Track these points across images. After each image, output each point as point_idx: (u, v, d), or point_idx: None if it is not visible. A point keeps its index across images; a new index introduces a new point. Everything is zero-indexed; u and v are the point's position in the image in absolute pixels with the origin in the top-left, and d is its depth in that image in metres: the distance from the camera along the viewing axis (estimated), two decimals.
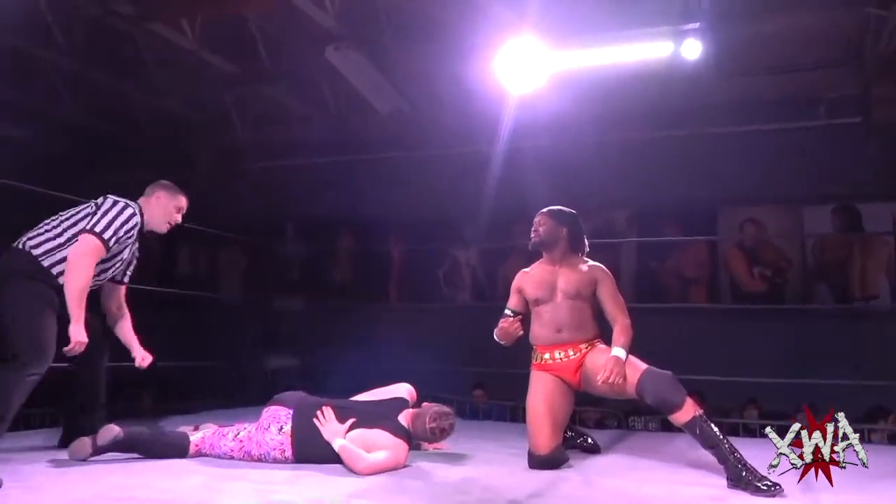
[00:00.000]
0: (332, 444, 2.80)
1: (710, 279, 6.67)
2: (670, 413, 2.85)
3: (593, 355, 3.08)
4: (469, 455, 3.32)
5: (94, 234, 2.87)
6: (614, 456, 3.44)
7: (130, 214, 2.99)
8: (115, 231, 2.91)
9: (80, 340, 2.79)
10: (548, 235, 3.21)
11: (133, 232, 3.00)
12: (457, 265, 7.41)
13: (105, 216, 2.91)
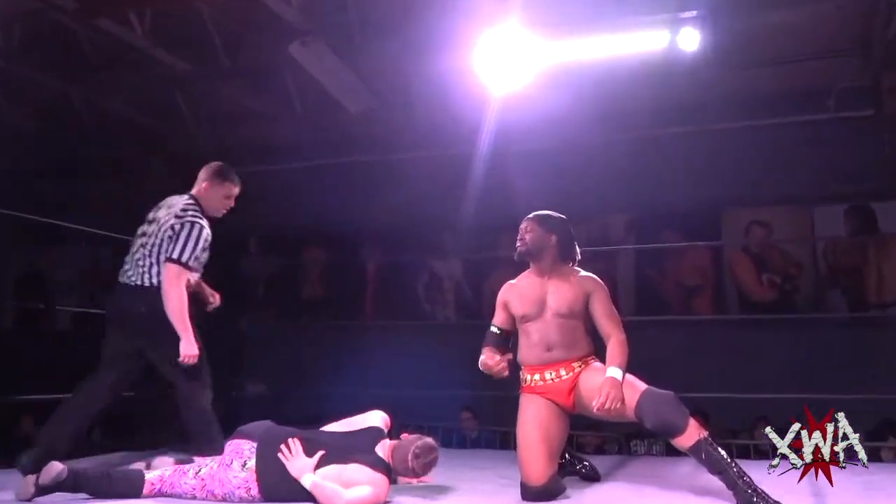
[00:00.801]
0: (300, 481, 2.78)
1: (715, 288, 6.74)
2: (672, 437, 2.87)
3: (588, 375, 3.09)
4: (456, 487, 3.32)
5: (175, 261, 3.33)
6: (615, 483, 3.45)
7: (200, 230, 3.42)
8: (191, 252, 3.36)
9: (190, 354, 3.25)
10: (535, 244, 3.21)
11: (207, 243, 3.45)
12: (438, 278, 7.43)
13: (181, 241, 3.37)
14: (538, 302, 3.17)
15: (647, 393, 2.91)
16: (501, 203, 5.96)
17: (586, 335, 3.18)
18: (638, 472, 3.79)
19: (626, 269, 6.89)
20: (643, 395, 2.90)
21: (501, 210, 5.68)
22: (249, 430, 2.95)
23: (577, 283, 3.18)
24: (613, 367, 2.96)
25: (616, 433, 5.23)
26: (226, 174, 3.57)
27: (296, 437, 2.89)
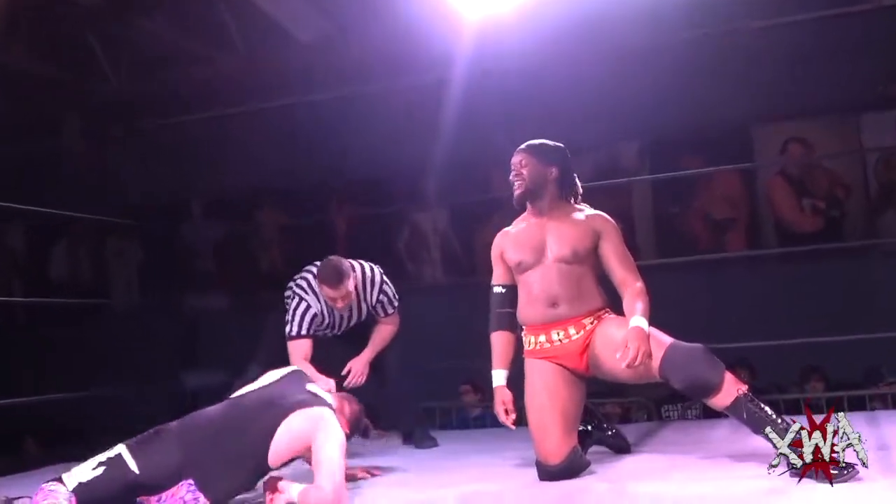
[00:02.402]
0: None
1: (749, 220, 6.79)
2: (706, 397, 2.94)
3: (603, 331, 3.13)
4: (463, 471, 3.42)
5: (287, 337, 4.07)
6: (647, 455, 3.55)
7: (298, 304, 4.08)
8: (298, 325, 4.05)
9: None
10: (534, 180, 3.24)
11: (307, 313, 4.06)
12: (420, 233, 7.46)
13: (288, 316, 4.10)
14: (537, 247, 3.20)
15: (673, 348, 2.97)
16: (487, 138, 5.97)
17: (596, 285, 3.21)
18: (671, 440, 3.90)
19: (642, 204, 6.93)
20: (668, 350, 2.96)
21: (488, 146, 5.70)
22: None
23: (582, 222, 3.21)
24: (637, 317, 3.01)
25: (644, 398, 5.33)
26: (322, 277, 3.99)
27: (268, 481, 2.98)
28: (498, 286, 3.32)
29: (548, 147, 3.30)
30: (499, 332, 3.32)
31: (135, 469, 2.78)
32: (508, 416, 3.22)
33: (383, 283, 4.21)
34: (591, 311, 3.17)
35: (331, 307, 4.07)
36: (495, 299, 3.33)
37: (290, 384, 3.09)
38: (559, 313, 3.16)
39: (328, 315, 4.12)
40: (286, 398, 2.98)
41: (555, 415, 3.11)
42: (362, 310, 4.21)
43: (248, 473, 2.92)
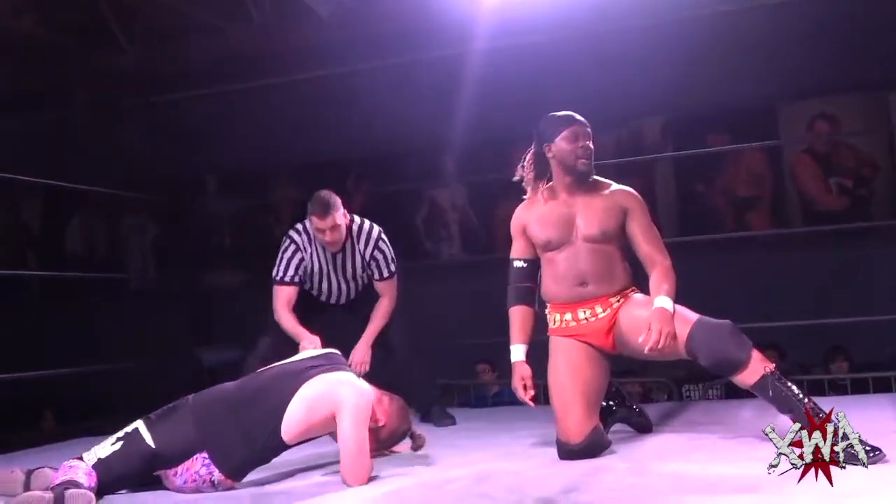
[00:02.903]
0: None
1: (773, 198, 6.76)
2: (733, 374, 2.94)
3: (629, 309, 3.13)
4: (483, 450, 3.43)
5: (273, 280, 4.12)
6: (668, 434, 3.55)
7: (287, 246, 4.13)
8: (284, 269, 4.10)
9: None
10: (593, 156, 3.22)
11: (293, 258, 4.10)
12: (439, 209, 7.46)
13: (277, 259, 4.13)
14: (564, 224, 3.19)
15: (700, 324, 2.97)
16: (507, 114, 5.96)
17: (623, 262, 3.21)
18: (692, 420, 3.90)
19: (665, 182, 6.91)
20: (695, 326, 2.96)
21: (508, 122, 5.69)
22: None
23: (609, 198, 3.20)
24: (661, 297, 3.01)
25: (664, 378, 5.33)
26: (312, 204, 4.03)
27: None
28: (519, 260, 3.30)
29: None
30: (518, 306, 3.29)
31: (151, 443, 2.83)
32: (527, 393, 3.19)
33: (380, 240, 4.20)
34: (619, 290, 3.17)
35: (324, 255, 4.07)
36: (516, 273, 3.31)
37: (318, 361, 3.09)
38: (587, 292, 3.16)
39: (320, 262, 4.11)
40: (307, 371, 2.99)
41: (577, 394, 3.11)
42: (356, 264, 4.16)
43: (262, 446, 2.92)
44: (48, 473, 2.84)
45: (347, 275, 4.19)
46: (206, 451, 2.85)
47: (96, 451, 2.83)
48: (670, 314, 2.98)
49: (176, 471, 2.87)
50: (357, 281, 4.23)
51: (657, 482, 2.68)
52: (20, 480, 2.88)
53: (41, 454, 3.92)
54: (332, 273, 4.17)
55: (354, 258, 4.15)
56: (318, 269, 4.14)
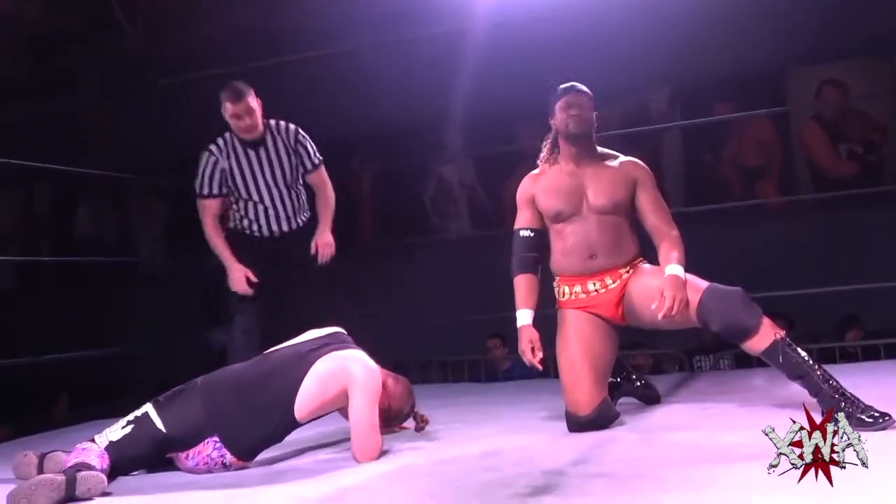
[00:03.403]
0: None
1: (782, 167, 6.73)
2: (743, 340, 2.94)
3: (639, 280, 3.14)
4: (492, 424, 3.45)
5: (197, 197, 4.04)
6: (678, 405, 3.56)
7: (206, 160, 4.02)
8: (205, 183, 4.01)
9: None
10: (591, 124, 3.22)
11: (215, 169, 4.00)
12: (446, 185, 7.45)
13: (198, 175, 4.03)
14: (574, 195, 3.19)
15: (711, 290, 2.97)
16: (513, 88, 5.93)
17: (632, 233, 3.21)
18: (703, 390, 3.91)
19: (672, 152, 6.88)
20: (705, 293, 2.96)
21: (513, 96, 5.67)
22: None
23: (618, 169, 3.20)
24: (672, 265, 3.02)
25: (674, 350, 5.34)
26: (226, 91, 3.94)
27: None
28: (525, 230, 3.28)
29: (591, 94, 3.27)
30: (523, 274, 3.27)
31: (161, 427, 2.85)
32: (535, 356, 3.18)
33: (299, 132, 4.09)
34: (628, 262, 3.18)
35: (245, 156, 3.97)
36: (521, 243, 3.29)
37: (326, 340, 3.08)
38: (597, 264, 3.17)
39: (242, 165, 3.98)
40: (317, 350, 3.00)
41: (586, 365, 3.12)
42: (282, 157, 4.02)
43: (274, 426, 2.94)
44: (61, 457, 2.88)
45: (277, 176, 4.02)
46: (217, 434, 2.87)
47: (107, 433, 2.86)
48: (682, 281, 2.99)
49: (188, 454, 2.90)
50: (287, 187, 4.04)
51: (667, 452, 2.69)
52: (34, 464, 2.92)
53: (55, 438, 3.97)
54: (258, 175, 4.00)
55: (279, 151, 4.02)
56: (241, 171, 3.99)
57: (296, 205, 4.11)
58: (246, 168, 3.99)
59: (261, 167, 4.00)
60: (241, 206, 4.06)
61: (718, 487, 2.15)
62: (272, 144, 4.02)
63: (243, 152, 3.99)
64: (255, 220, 4.05)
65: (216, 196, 4.01)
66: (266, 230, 4.06)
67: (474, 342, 5.85)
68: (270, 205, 4.03)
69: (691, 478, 2.31)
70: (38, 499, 2.49)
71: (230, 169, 3.98)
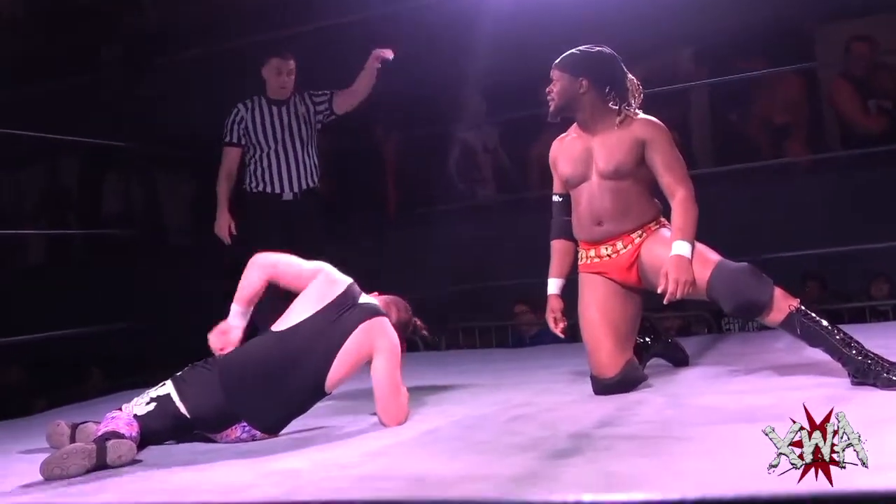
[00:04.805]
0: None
1: (810, 124, 6.65)
2: (757, 316, 2.95)
3: (652, 246, 3.11)
4: (518, 388, 3.47)
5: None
6: (705, 367, 3.56)
7: (233, 113, 4.33)
8: (229, 132, 4.33)
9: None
10: (563, 96, 3.17)
11: (236, 120, 4.31)
12: (471, 151, 7.42)
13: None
14: (583, 161, 3.17)
15: (718, 270, 2.94)
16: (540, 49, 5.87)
17: (646, 196, 3.16)
18: (730, 352, 3.90)
19: (699, 112, 6.81)
20: (714, 272, 2.94)
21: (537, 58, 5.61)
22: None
23: (627, 134, 3.12)
24: (679, 242, 2.97)
25: (703, 311, 5.32)
26: (268, 52, 4.39)
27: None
28: (555, 195, 3.33)
29: (579, 58, 3.18)
30: (556, 240, 3.35)
31: (184, 412, 2.86)
32: (557, 325, 3.30)
33: (305, 91, 4.47)
34: (640, 225, 3.14)
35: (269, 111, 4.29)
36: (555, 207, 3.34)
37: (341, 303, 3.03)
38: (604, 231, 3.16)
39: (263, 118, 4.29)
40: (340, 323, 2.97)
41: (606, 327, 3.13)
42: (301, 120, 4.35)
43: (303, 403, 2.98)
44: (92, 427, 2.92)
45: (294, 130, 4.33)
46: (245, 419, 2.89)
47: (133, 406, 2.89)
48: (687, 261, 2.95)
49: (215, 437, 2.94)
50: (303, 145, 4.34)
51: (693, 414, 2.69)
52: (66, 433, 2.97)
53: (88, 408, 4.03)
54: (277, 127, 4.31)
55: (298, 111, 4.37)
56: (262, 123, 4.30)
57: (307, 166, 4.35)
58: (267, 120, 4.31)
59: (280, 121, 4.32)
60: (257, 157, 4.32)
61: (743, 449, 2.15)
62: (293, 106, 4.38)
63: (267, 108, 4.33)
64: (268, 172, 4.30)
65: (234, 145, 4.33)
66: (276, 186, 4.30)
67: (502, 307, 5.86)
68: (283, 158, 4.31)
69: (717, 440, 2.31)
70: (70, 467, 2.54)
71: (251, 120, 4.30)
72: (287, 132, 4.32)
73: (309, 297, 3.04)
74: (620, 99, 3.17)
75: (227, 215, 4.33)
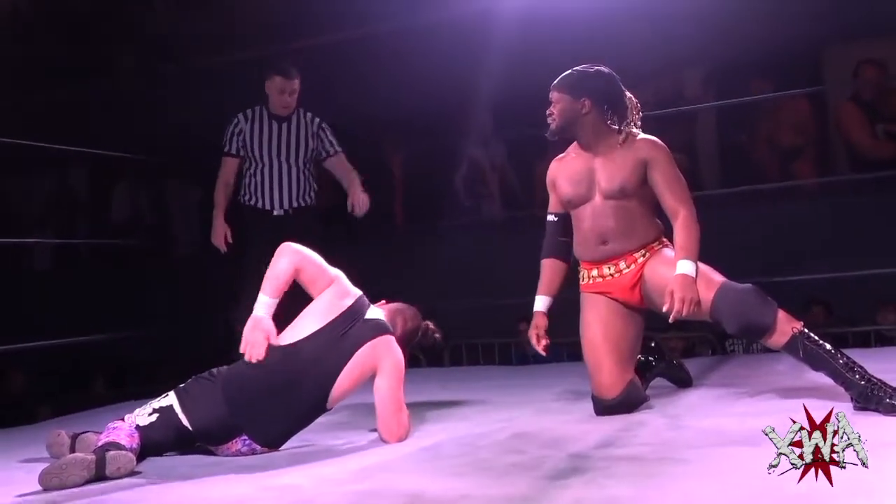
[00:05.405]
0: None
1: (818, 147, 6.63)
2: (760, 338, 2.95)
3: (655, 266, 3.12)
4: (521, 407, 3.47)
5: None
6: (708, 388, 3.56)
7: (233, 123, 4.37)
8: (227, 142, 4.37)
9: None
10: (565, 117, 3.18)
11: (235, 130, 4.35)
12: (478, 167, 7.43)
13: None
14: (586, 181, 3.18)
15: (722, 291, 2.94)
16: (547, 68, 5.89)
17: (649, 216, 3.18)
18: (734, 374, 3.89)
19: (706, 133, 6.79)
20: (717, 294, 2.94)
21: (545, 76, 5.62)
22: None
23: (629, 154, 3.14)
24: (683, 261, 2.97)
25: (706, 332, 5.30)
26: (275, 67, 4.33)
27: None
28: (550, 214, 3.35)
29: (579, 78, 3.19)
30: (547, 258, 3.36)
31: (187, 424, 2.86)
32: (540, 342, 3.28)
33: (323, 122, 4.47)
34: (643, 245, 3.15)
35: (269, 126, 4.29)
36: (548, 227, 3.36)
37: (348, 317, 3.00)
38: (609, 250, 3.16)
39: (262, 133, 4.31)
40: (346, 340, 2.96)
41: (607, 349, 3.14)
42: (301, 135, 4.35)
43: (305, 418, 2.99)
44: (92, 438, 2.92)
45: (292, 149, 4.33)
46: (247, 434, 2.89)
47: (136, 416, 2.89)
48: (692, 280, 2.95)
49: (216, 449, 2.94)
50: (300, 164, 4.34)
51: (694, 436, 2.69)
52: (66, 443, 2.98)
53: (91, 417, 4.03)
54: (274, 144, 4.32)
55: (300, 131, 4.36)
56: (261, 137, 4.31)
57: (300, 185, 4.37)
58: (266, 134, 4.33)
59: (279, 137, 4.33)
60: (252, 170, 4.34)
61: (744, 472, 2.15)
62: (296, 124, 4.37)
63: (268, 122, 4.34)
64: (261, 187, 4.34)
65: (232, 155, 4.37)
66: (268, 202, 4.32)
67: (506, 325, 5.85)
68: (277, 174, 4.33)
69: (717, 463, 2.31)
70: (69, 478, 2.55)
71: (250, 132, 4.33)
72: (285, 149, 4.33)
73: (318, 310, 3.02)
74: (620, 118, 3.20)
75: (224, 224, 4.37)
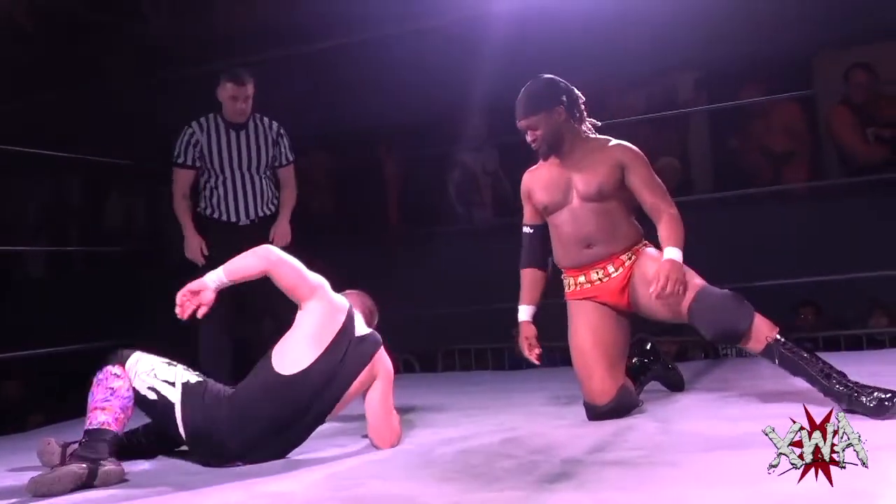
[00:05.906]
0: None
1: (809, 152, 6.65)
2: (737, 343, 2.98)
3: (642, 265, 3.13)
4: (513, 411, 3.48)
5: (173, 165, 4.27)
6: (700, 392, 3.57)
7: (187, 133, 4.23)
8: (181, 153, 4.21)
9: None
10: (551, 134, 3.17)
11: (191, 141, 4.20)
12: (470, 173, 7.44)
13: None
14: (559, 187, 3.19)
15: (700, 296, 2.95)
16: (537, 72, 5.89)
17: (629, 218, 3.20)
18: (726, 378, 3.90)
19: (698, 137, 6.80)
20: (694, 299, 2.95)
21: None
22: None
23: (605, 156, 3.16)
24: (670, 248, 3.00)
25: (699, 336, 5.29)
26: (227, 74, 4.19)
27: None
28: (526, 226, 3.35)
29: (540, 94, 3.19)
30: (526, 268, 3.36)
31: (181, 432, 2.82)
32: (532, 351, 3.28)
33: (281, 129, 4.33)
34: (628, 247, 3.17)
35: (225, 135, 4.16)
36: (525, 238, 3.37)
37: (344, 335, 2.94)
38: (594, 254, 3.16)
39: (220, 142, 4.17)
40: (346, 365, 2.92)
41: (597, 355, 3.14)
42: (260, 143, 4.22)
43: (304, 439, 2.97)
44: None
45: (252, 159, 4.20)
46: (243, 462, 2.85)
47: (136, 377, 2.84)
48: (680, 264, 2.97)
49: None
50: (259, 173, 4.22)
51: (685, 440, 2.70)
52: (56, 452, 2.97)
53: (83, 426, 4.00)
54: (234, 154, 4.19)
55: (258, 139, 4.24)
56: (218, 147, 4.18)
57: (264, 193, 4.26)
58: (224, 145, 4.19)
59: (238, 147, 4.20)
60: (213, 183, 4.22)
61: (734, 477, 2.15)
62: (253, 131, 4.24)
63: (224, 131, 4.20)
64: (224, 200, 4.20)
65: (188, 167, 4.22)
66: (233, 214, 4.20)
67: (499, 330, 5.84)
68: (240, 185, 4.21)
69: (707, 467, 2.31)
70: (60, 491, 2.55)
71: (207, 144, 4.18)
72: (246, 159, 4.20)
73: (312, 333, 2.92)
74: (581, 119, 3.25)
75: (197, 236, 4.20)
